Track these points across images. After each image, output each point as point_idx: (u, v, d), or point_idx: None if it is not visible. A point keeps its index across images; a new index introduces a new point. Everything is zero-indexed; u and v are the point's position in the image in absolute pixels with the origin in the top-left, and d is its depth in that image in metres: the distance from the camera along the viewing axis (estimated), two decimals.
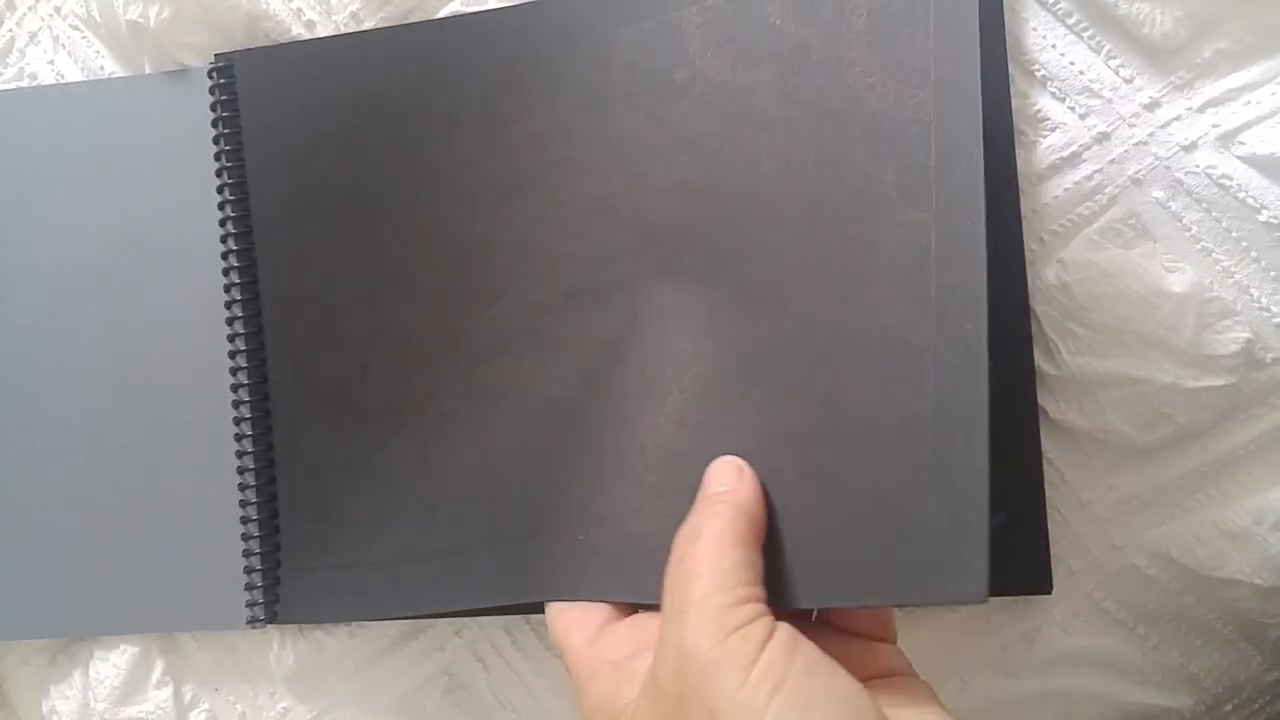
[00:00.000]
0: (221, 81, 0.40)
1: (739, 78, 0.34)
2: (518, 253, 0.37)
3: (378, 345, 0.39)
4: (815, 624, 0.29)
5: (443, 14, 0.39)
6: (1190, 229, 0.34)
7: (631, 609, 0.30)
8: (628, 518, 0.33)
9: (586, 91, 0.36)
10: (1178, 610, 0.35)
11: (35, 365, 0.43)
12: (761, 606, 0.24)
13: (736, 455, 0.30)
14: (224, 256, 0.41)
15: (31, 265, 0.43)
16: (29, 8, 0.44)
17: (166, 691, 0.42)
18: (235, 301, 0.41)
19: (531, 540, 0.35)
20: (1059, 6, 0.35)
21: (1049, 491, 0.35)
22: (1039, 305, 0.35)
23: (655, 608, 0.27)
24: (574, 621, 0.29)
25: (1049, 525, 0.35)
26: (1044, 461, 0.35)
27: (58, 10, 0.44)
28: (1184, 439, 0.34)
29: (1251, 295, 0.34)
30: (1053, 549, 0.35)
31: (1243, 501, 0.34)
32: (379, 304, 0.39)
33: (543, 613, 0.33)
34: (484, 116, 0.38)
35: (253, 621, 0.40)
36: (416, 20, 0.40)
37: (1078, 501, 0.35)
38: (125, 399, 0.42)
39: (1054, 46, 0.35)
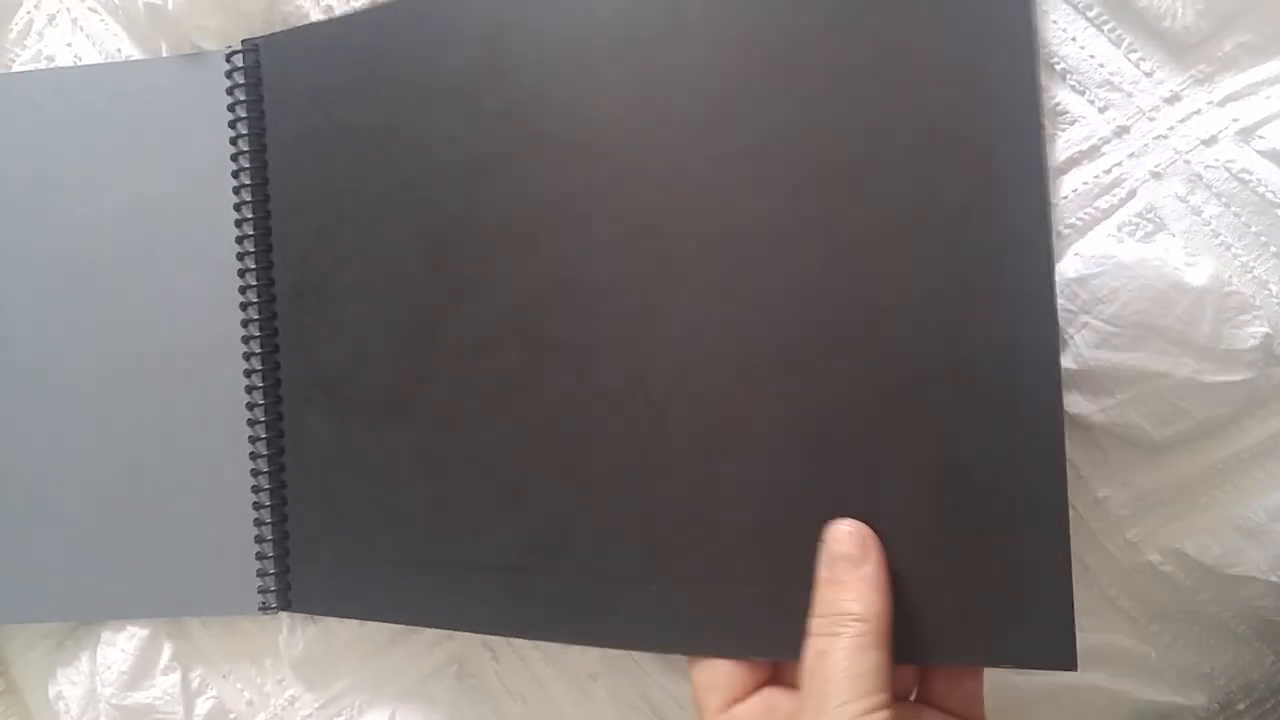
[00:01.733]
0: (244, 66, 0.40)
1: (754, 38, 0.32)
2: (494, 238, 0.35)
3: (372, 335, 0.38)
4: (914, 704, 0.31)
5: None
6: (1209, 223, 0.34)
7: (767, 672, 0.32)
8: (711, 567, 0.32)
9: (568, 57, 0.34)
10: (1192, 608, 0.35)
11: (49, 347, 0.43)
12: (888, 713, 0.27)
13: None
14: (239, 241, 0.41)
15: (46, 248, 0.43)
16: None
17: (174, 677, 0.42)
18: (250, 287, 0.41)
19: (587, 575, 0.34)
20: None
21: None
22: (1057, 300, 0.35)
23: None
24: (711, 683, 0.31)
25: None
26: None
27: None
28: (1201, 434, 0.34)
29: (1270, 290, 0.33)
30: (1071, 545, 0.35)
31: (1260, 498, 0.34)
32: (373, 292, 0.38)
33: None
34: (463, 88, 0.36)
35: (265, 608, 0.40)
36: None
37: (1093, 497, 0.35)
38: (138, 380, 0.42)
39: (1074, 39, 0.35)
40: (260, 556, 0.40)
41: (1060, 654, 0.29)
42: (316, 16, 0.40)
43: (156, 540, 0.42)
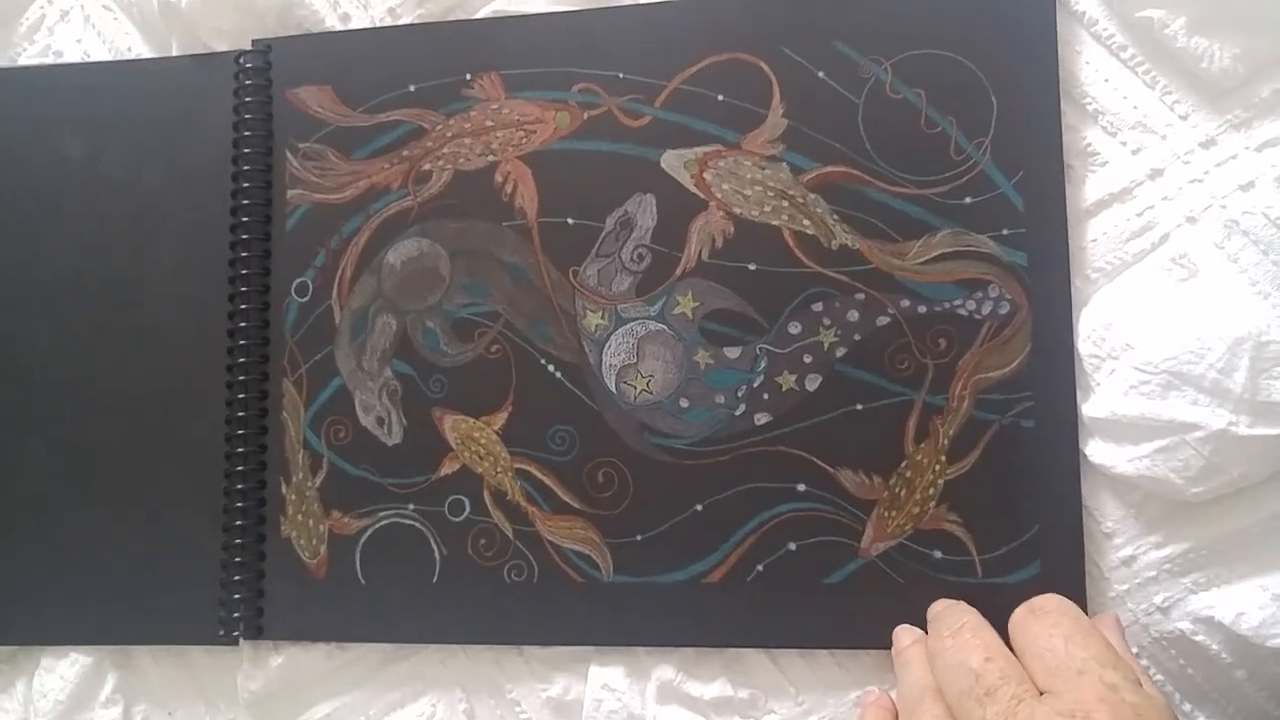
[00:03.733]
0: (253, 66, 0.39)
1: None
2: None
3: None
4: None
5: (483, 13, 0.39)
6: (1246, 270, 0.32)
7: None
8: None
9: None
10: (1228, 685, 0.32)
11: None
12: None
13: None
14: (232, 247, 0.39)
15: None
16: None
17: (115, 711, 0.39)
18: (239, 294, 0.39)
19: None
20: (1114, 40, 0.34)
21: (1087, 544, 0.33)
22: (1083, 344, 0.33)
23: None
24: None
25: (1086, 581, 0.32)
26: (1083, 510, 0.33)
27: None
28: (1236, 492, 0.32)
29: None
30: (1090, 608, 0.32)
31: None
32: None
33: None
34: None
35: (226, 638, 0.37)
36: (456, 19, 0.39)
37: (1118, 556, 0.33)
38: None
39: (1107, 80, 0.34)
40: (227, 579, 0.37)
41: None
42: (331, 22, 0.40)
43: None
